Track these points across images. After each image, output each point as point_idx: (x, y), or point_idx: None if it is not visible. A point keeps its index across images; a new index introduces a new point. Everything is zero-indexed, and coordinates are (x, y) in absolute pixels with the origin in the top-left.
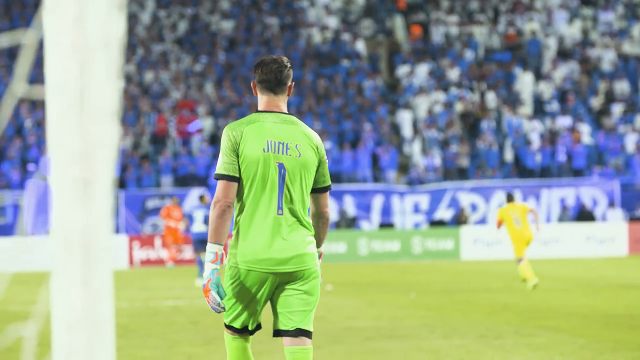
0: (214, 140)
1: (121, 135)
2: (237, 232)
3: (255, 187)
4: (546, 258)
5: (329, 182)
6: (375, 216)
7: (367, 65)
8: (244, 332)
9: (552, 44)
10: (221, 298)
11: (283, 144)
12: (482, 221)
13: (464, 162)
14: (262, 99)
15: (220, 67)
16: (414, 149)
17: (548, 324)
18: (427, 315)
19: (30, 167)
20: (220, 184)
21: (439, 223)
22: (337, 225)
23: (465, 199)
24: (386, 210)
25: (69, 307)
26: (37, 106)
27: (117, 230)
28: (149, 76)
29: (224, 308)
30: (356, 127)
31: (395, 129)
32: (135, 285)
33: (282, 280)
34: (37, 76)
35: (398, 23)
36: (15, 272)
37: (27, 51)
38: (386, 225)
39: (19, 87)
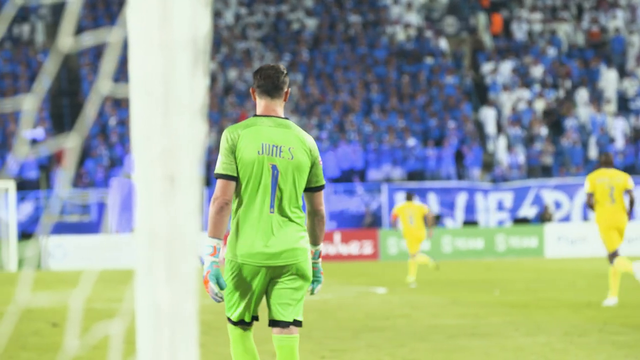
0: None
1: (206, 132)
2: (234, 229)
3: (250, 187)
4: (632, 255)
5: (323, 182)
6: (459, 214)
7: (451, 63)
8: (241, 324)
9: (636, 41)
10: (221, 289)
11: (277, 147)
12: (566, 219)
13: (548, 159)
14: (260, 104)
15: (303, 65)
16: (498, 146)
17: (633, 321)
18: (510, 312)
19: (115, 165)
20: (218, 183)
21: (523, 221)
22: None
23: (549, 197)
24: (470, 208)
25: (153, 304)
26: (121, 104)
27: (203, 228)
28: (232, 74)
29: (222, 298)
30: (440, 124)
31: (479, 126)
32: None
33: (274, 274)
34: (121, 74)
35: (481, 20)
36: (101, 270)
37: (112, 49)
38: (470, 222)
39: (103, 85)
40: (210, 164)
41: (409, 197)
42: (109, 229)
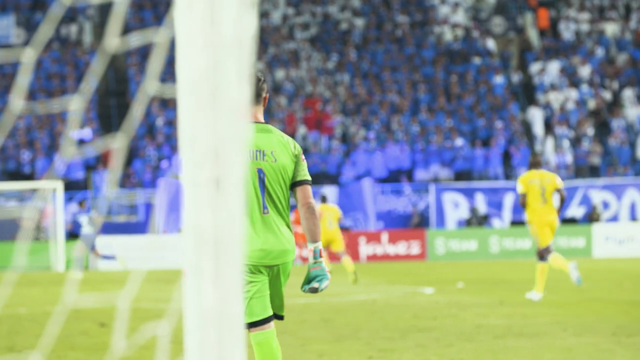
0: (345, 138)
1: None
2: None
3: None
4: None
5: (308, 177)
6: (507, 214)
7: (498, 63)
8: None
9: None
10: None
11: (260, 151)
12: (614, 218)
13: (596, 159)
14: None
15: (351, 65)
16: (546, 146)
17: None
18: (558, 313)
19: (162, 165)
20: None
21: (571, 221)
22: (469, 222)
23: (597, 197)
24: (517, 208)
25: (201, 304)
26: (168, 105)
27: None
28: (280, 75)
29: None
30: (488, 124)
31: (527, 126)
32: None
33: (270, 273)
34: (168, 75)
35: (529, 20)
36: (148, 270)
37: (159, 50)
38: (518, 223)
39: (151, 85)
40: None
41: (324, 200)
42: (156, 229)
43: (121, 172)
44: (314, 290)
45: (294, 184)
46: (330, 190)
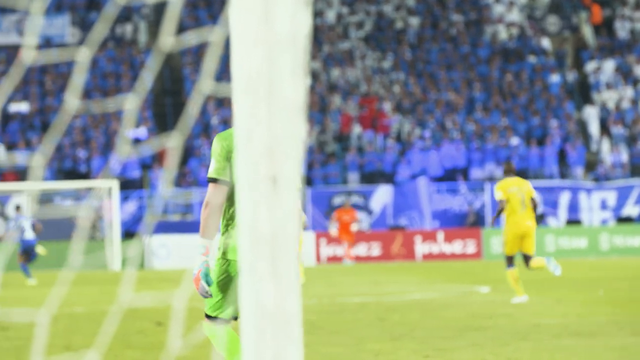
0: (400, 136)
1: (308, 132)
2: (227, 230)
3: None
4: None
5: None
6: (562, 213)
7: (553, 62)
8: (227, 321)
9: None
10: (209, 285)
11: None
12: None
13: None
14: None
15: (405, 64)
16: (602, 145)
17: None
18: (615, 312)
19: None
20: (212, 187)
21: (627, 220)
22: None
23: None
24: (573, 207)
25: (257, 303)
26: (224, 103)
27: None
28: (335, 73)
29: (210, 295)
30: (543, 123)
31: (582, 125)
32: (322, 281)
33: None
34: (224, 74)
35: (584, 19)
36: None
37: (214, 49)
38: (573, 221)
39: (206, 84)
40: (312, 163)
41: None
42: None
43: (176, 171)
44: None
45: None
46: (385, 189)
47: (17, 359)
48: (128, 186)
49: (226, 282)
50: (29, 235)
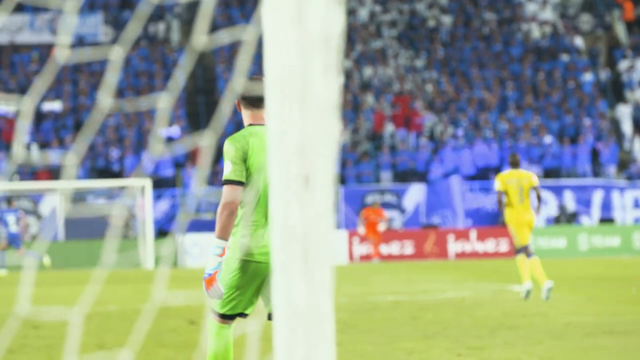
0: (433, 135)
1: (341, 131)
2: (244, 230)
3: (258, 192)
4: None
5: None
6: (596, 211)
7: (586, 60)
8: (229, 318)
9: None
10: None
11: None
12: None
13: None
14: (247, 114)
15: (438, 62)
16: (635, 143)
17: None
18: None
19: None
20: (229, 188)
21: None
22: (557, 220)
23: None
24: (606, 206)
25: (290, 302)
26: None
27: (337, 226)
28: (368, 72)
29: (222, 296)
30: (576, 122)
31: (615, 124)
32: (355, 280)
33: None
34: (256, 72)
35: (617, 17)
36: None
37: (247, 47)
38: (606, 220)
39: (238, 83)
40: (345, 162)
41: None
42: None
43: (209, 170)
44: None
45: None
46: (418, 188)
47: (49, 358)
48: (161, 185)
49: (240, 279)
50: (13, 229)
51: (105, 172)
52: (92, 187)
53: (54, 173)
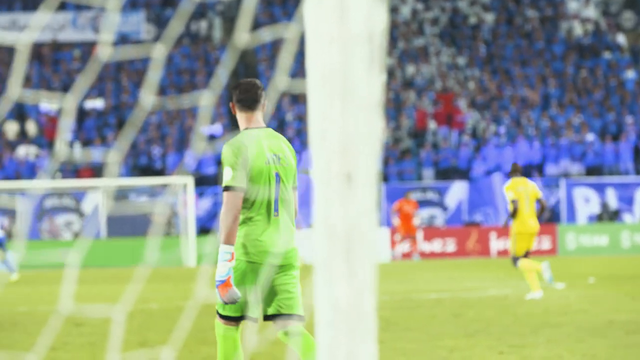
0: (476, 133)
1: (383, 128)
2: (243, 232)
3: (259, 194)
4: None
5: (297, 182)
6: (638, 209)
7: (629, 58)
8: (238, 320)
9: None
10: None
11: (276, 155)
12: None
13: None
14: (242, 116)
15: (480, 60)
16: None
17: None
18: None
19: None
20: (231, 195)
21: None
22: (599, 218)
23: None
24: None
25: (332, 300)
26: (298, 100)
27: (388, 223)
28: (410, 70)
29: (238, 300)
30: (618, 119)
31: None
32: (397, 278)
33: (277, 272)
34: (298, 70)
35: None
36: None
37: (289, 45)
38: None
39: (281, 80)
40: (387, 160)
41: None
42: None
43: None
44: None
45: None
46: (460, 186)
47: (91, 355)
48: (203, 182)
49: (244, 281)
50: None
51: (148, 170)
52: (134, 184)
53: (96, 171)
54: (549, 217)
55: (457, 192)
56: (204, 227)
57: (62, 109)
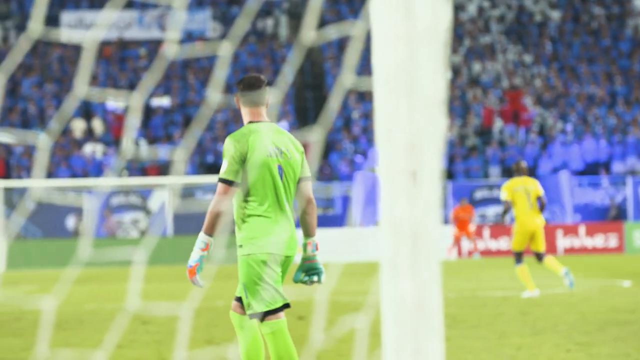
0: (542, 130)
1: (448, 126)
2: (253, 225)
3: (264, 187)
4: None
5: (310, 173)
6: None
7: None
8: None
9: None
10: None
11: (279, 149)
12: None
13: None
14: (246, 111)
15: (546, 57)
16: None
17: None
18: None
19: (358, 158)
20: (223, 188)
21: None
22: None
23: None
24: None
25: (398, 297)
26: (365, 97)
27: (445, 221)
28: (476, 67)
29: (202, 286)
30: None
31: None
32: (463, 275)
33: (283, 262)
34: (364, 67)
35: None
36: (345, 263)
37: (355, 43)
38: None
39: (347, 78)
40: (453, 157)
41: None
42: (353, 222)
43: (317, 165)
44: (312, 283)
45: (302, 178)
46: None
47: (158, 353)
48: None
49: (252, 276)
50: None
51: (214, 168)
52: (200, 182)
53: (162, 168)
54: (615, 215)
55: None
56: None
57: (129, 107)
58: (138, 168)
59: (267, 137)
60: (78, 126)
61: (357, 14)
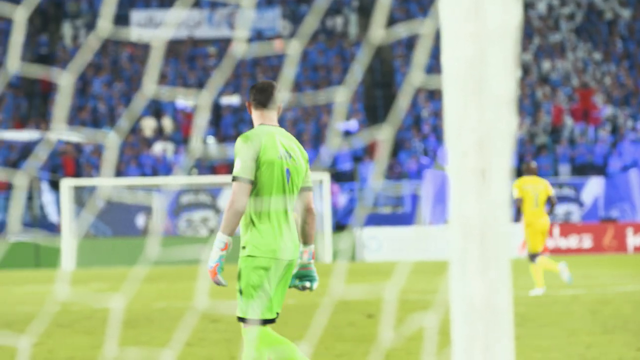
0: (613, 128)
1: (518, 124)
2: (250, 228)
3: (273, 189)
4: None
5: (312, 184)
6: None
7: None
8: (272, 321)
9: None
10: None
11: (288, 153)
12: None
13: None
14: (257, 114)
15: (616, 55)
16: None
17: None
18: None
19: (427, 157)
20: (239, 186)
21: None
22: None
23: None
24: None
25: (467, 296)
26: (434, 95)
27: (515, 219)
28: (546, 65)
29: (225, 284)
30: None
31: None
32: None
33: (287, 268)
34: (434, 66)
35: None
36: (415, 261)
37: (424, 41)
38: None
39: (416, 76)
40: (523, 156)
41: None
42: (422, 220)
43: (387, 163)
44: (304, 289)
45: (305, 187)
46: (596, 181)
47: (227, 351)
48: (339, 178)
49: (255, 280)
50: None
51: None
52: None
53: (232, 167)
54: None
55: (594, 188)
56: (339, 223)
57: (198, 106)
58: (207, 166)
59: (277, 139)
60: (148, 125)
61: (426, 12)
